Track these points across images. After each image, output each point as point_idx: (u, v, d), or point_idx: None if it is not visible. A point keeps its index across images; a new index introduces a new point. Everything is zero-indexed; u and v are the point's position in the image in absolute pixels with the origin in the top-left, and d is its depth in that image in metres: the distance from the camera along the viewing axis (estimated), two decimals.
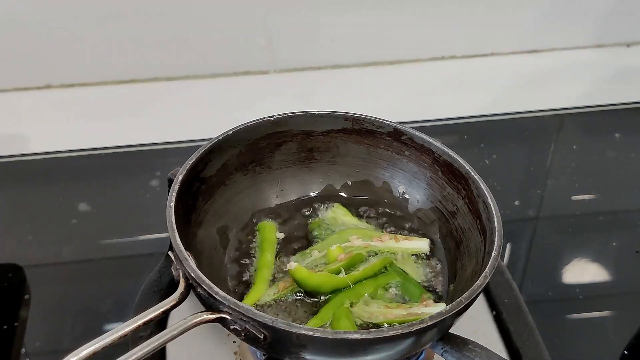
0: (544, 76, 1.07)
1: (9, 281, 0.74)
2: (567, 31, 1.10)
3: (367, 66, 1.07)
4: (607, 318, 0.74)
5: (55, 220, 0.82)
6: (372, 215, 0.67)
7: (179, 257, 0.51)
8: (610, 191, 0.89)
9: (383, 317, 0.56)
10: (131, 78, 1.02)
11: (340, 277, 0.58)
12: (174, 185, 0.56)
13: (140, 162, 0.90)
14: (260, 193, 0.67)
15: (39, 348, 0.68)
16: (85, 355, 0.44)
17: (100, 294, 0.73)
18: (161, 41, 0.99)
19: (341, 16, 1.01)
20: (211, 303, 0.49)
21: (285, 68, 1.05)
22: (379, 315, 0.56)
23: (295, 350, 0.49)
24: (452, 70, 1.08)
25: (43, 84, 1.01)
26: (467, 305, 0.50)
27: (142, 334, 0.58)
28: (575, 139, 0.98)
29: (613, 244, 0.81)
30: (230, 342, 0.64)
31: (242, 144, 0.64)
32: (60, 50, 0.98)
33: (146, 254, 0.78)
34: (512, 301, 0.68)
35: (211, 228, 0.62)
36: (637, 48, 1.13)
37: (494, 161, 0.92)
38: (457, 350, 0.51)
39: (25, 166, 0.90)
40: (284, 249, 0.63)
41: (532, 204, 0.86)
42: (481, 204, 0.58)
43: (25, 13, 0.94)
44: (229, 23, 0.99)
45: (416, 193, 0.67)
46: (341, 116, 0.66)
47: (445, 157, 0.63)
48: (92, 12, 0.95)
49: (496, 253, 0.53)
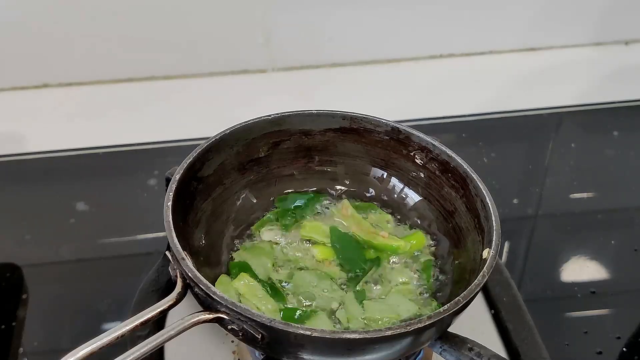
0: (542, 74, 1.07)
1: (7, 281, 0.74)
2: (566, 29, 1.10)
3: (365, 65, 1.07)
4: (606, 316, 0.74)
5: (53, 220, 0.82)
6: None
7: (176, 256, 0.50)
8: (608, 189, 0.89)
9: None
10: (129, 77, 1.02)
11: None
12: (172, 184, 0.56)
13: (138, 161, 0.90)
14: (258, 192, 0.67)
15: (37, 348, 0.68)
16: (83, 355, 0.44)
17: (98, 293, 0.73)
18: (159, 40, 0.99)
19: (339, 14, 1.01)
20: (209, 303, 0.49)
21: (284, 67, 1.05)
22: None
23: (293, 350, 0.49)
24: (450, 69, 1.08)
25: (40, 83, 1.01)
26: (466, 304, 0.50)
27: (140, 334, 0.57)
28: (574, 137, 0.98)
29: (612, 242, 0.81)
30: (228, 342, 0.64)
31: (240, 143, 0.64)
32: (58, 50, 0.98)
33: (144, 254, 0.78)
34: (511, 300, 0.68)
35: (209, 227, 0.62)
36: (636, 46, 1.13)
37: (492, 160, 0.92)
38: (456, 349, 0.51)
39: (23, 165, 0.90)
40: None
41: (531, 202, 0.86)
42: (479, 202, 0.58)
43: (23, 13, 0.94)
44: (227, 22, 0.99)
45: (414, 192, 0.66)
46: (339, 115, 0.66)
47: (444, 156, 0.63)
48: (90, 11, 0.95)
49: (494, 252, 0.53)
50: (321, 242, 0.62)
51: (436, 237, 0.64)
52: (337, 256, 0.61)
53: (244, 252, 0.62)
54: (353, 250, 0.62)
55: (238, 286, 0.57)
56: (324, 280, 0.59)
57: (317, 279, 0.59)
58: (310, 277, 0.59)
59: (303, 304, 0.57)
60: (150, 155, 0.91)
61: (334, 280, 0.59)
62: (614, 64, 1.10)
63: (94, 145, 0.91)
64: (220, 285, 0.57)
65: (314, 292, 0.58)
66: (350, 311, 0.56)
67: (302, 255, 0.62)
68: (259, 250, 0.62)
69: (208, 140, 0.61)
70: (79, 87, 1.01)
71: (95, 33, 0.97)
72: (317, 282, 0.59)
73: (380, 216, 0.66)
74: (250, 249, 0.62)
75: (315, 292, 0.58)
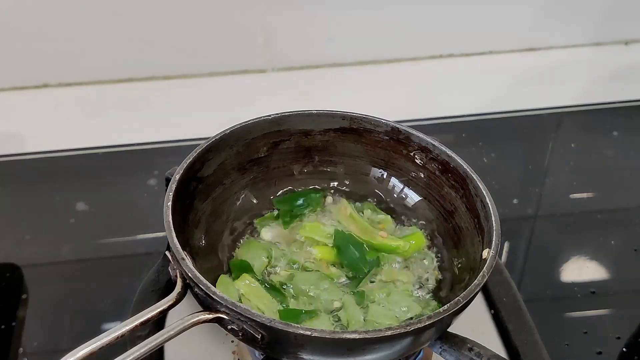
0: (542, 74, 1.07)
1: (7, 281, 0.74)
2: (566, 29, 1.10)
3: (365, 65, 1.07)
4: (606, 316, 0.74)
5: (53, 220, 0.82)
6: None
7: (176, 257, 0.50)
8: (608, 189, 0.89)
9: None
10: (129, 77, 1.02)
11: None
12: (172, 184, 0.56)
13: (138, 161, 0.90)
14: (257, 192, 0.66)
15: (37, 348, 0.68)
16: (82, 355, 0.44)
17: (98, 293, 0.73)
18: (158, 40, 0.99)
19: (339, 15, 1.01)
20: (209, 303, 0.49)
21: (283, 67, 1.05)
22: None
23: (293, 350, 0.49)
24: (450, 69, 1.08)
25: (40, 83, 1.01)
26: (465, 304, 0.50)
27: (139, 334, 0.57)
28: (574, 138, 0.98)
29: (611, 242, 0.81)
30: (228, 342, 0.63)
31: (240, 143, 0.64)
32: (58, 50, 0.98)
33: (144, 254, 0.78)
34: (511, 300, 0.68)
35: (209, 227, 0.62)
36: (635, 46, 1.13)
37: (492, 160, 0.92)
38: (456, 349, 0.51)
39: (23, 165, 0.90)
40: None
41: (531, 202, 0.86)
42: (479, 202, 0.58)
43: (23, 13, 0.93)
44: (226, 22, 0.99)
45: (414, 192, 0.66)
46: (339, 115, 0.66)
47: (443, 156, 0.63)
48: (89, 11, 0.95)
49: (494, 252, 0.53)
50: (321, 242, 0.62)
51: (436, 237, 0.64)
52: (340, 258, 0.61)
53: (242, 248, 0.62)
54: (355, 252, 0.61)
55: (240, 286, 0.57)
56: (324, 281, 0.59)
57: (317, 280, 0.59)
58: (311, 277, 0.59)
59: (303, 304, 0.57)
60: (150, 155, 0.90)
61: (334, 281, 0.59)
62: (614, 64, 1.10)
63: (94, 145, 0.91)
64: (221, 285, 0.57)
65: (314, 292, 0.58)
66: (350, 313, 0.56)
67: (302, 256, 0.62)
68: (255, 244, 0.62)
69: (208, 140, 0.61)
70: (79, 87, 1.01)
71: (95, 33, 0.97)
72: (317, 283, 0.59)
73: (379, 216, 0.66)
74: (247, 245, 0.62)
75: (316, 292, 0.58)
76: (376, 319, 0.56)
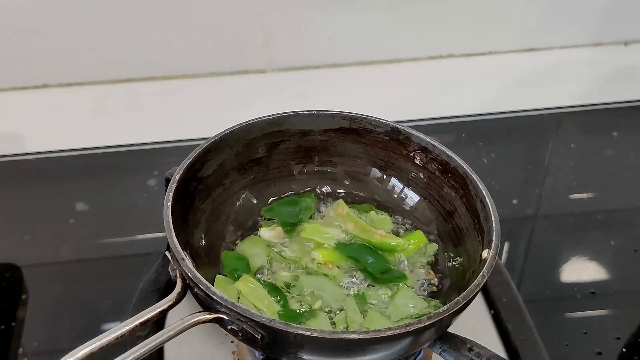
0: (542, 75, 1.07)
1: (7, 281, 0.74)
2: (565, 30, 1.10)
3: (365, 65, 1.07)
4: (606, 317, 0.74)
5: (53, 220, 0.81)
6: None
7: (176, 257, 0.51)
8: (608, 190, 0.89)
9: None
10: (128, 77, 1.02)
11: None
12: (171, 184, 0.56)
13: (138, 161, 0.90)
14: (257, 193, 0.66)
15: (37, 348, 0.68)
16: (82, 356, 0.44)
17: (97, 293, 0.73)
18: (158, 40, 0.99)
19: (338, 15, 1.01)
20: (208, 303, 0.49)
21: (283, 67, 1.05)
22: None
23: (293, 350, 0.49)
24: (449, 69, 1.08)
25: (40, 84, 1.01)
26: (465, 304, 0.50)
27: (139, 334, 0.57)
28: (574, 138, 0.98)
29: (611, 242, 0.81)
30: (228, 342, 0.63)
31: (240, 143, 0.64)
32: (57, 50, 0.98)
33: (144, 254, 0.78)
34: (511, 300, 0.68)
35: (208, 228, 0.62)
36: (635, 47, 1.13)
37: (492, 160, 0.92)
38: (456, 350, 0.51)
39: (23, 166, 0.89)
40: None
41: (531, 202, 0.86)
42: (479, 203, 0.58)
43: (22, 12, 0.93)
44: (226, 22, 0.99)
45: (414, 192, 0.66)
46: (339, 115, 0.66)
47: (443, 157, 0.63)
48: (89, 11, 0.95)
49: (494, 252, 0.53)
50: (322, 244, 0.62)
51: (436, 237, 0.64)
52: (360, 266, 0.61)
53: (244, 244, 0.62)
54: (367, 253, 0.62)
55: (239, 286, 0.57)
56: (325, 282, 0.59)
57: (318, 281, 0.59)
58: (312, 279, 0.59)
59: (303, 305, 0.57)
60: (149, 155, 0.90)
61: (335, 282, 0.59)
62: (614, 64, 1.10)
63: (94, 145, 0.91)
64: (219, 286, 0.57)
65: (315, 293, 0.58)
66: (350, 316, 0.56)
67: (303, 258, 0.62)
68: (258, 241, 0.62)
69: (208, 141, 0.61)
70: (78, 87, 1.01)
71: (95, 33, 0.97)
72: (318, 284, 0.58)
73: (379, 217, 0.66)
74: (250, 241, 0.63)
75: (316, 294, 0.58)
76: (376, 323, 0.56)
